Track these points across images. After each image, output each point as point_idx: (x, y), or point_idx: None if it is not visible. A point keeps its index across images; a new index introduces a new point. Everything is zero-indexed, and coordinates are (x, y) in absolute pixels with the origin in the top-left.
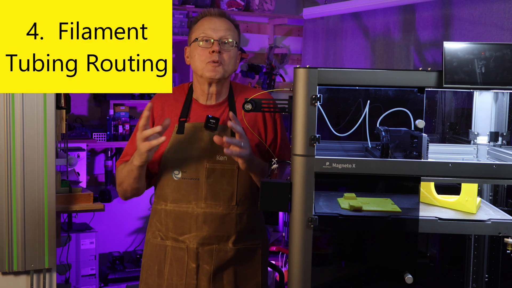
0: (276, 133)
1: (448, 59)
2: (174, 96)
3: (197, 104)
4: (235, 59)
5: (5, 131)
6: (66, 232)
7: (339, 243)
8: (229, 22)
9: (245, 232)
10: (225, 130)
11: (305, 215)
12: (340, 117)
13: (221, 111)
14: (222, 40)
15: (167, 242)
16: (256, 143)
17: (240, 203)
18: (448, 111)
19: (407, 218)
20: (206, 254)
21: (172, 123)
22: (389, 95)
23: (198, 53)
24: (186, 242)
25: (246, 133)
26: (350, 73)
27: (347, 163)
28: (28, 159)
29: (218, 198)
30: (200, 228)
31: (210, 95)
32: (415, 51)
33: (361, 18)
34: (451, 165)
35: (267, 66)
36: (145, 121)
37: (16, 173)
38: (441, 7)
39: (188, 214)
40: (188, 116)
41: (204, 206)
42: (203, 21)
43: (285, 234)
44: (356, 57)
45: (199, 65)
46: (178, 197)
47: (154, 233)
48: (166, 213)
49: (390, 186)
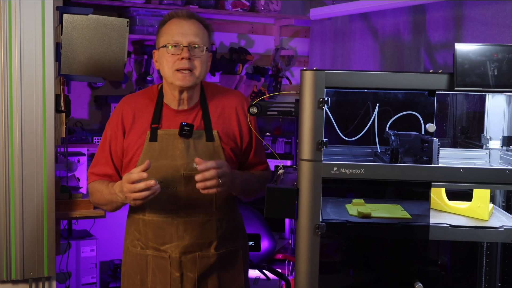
0: (251, 135)
1: (459, 61)
2: (144, 100)
3: (168, 109)
4: (206, 63)
5: (3, 135)
6: (66, 240)
7: (347, 251)
8: (198, 23)
9: (226, 236)
10: (200, 136)
11: (312, 222)
12: (348, 121)
13: (194, 116)
14: (191, 45)
15: (147, 252)
16: (231, 147)
17: (219, 208)
18: (459, 114)
19: (417, 225)
20: (189, 262)
21: (144, 129)
22: (399, 98)
23: (167, 60)
24: (168, 251)
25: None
26: (358, 76)
27: (355, 168)
28: (27, 164)
29: (197, 206)
30: (181, 237)
31: (181, 101)
32: (425, 53)
33: (370, 19)
34: (462, 170)
35: (273, 69)
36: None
37: (15, 178)
38: (453, 7)
39: (168, 224)
40: (160, 122)
41: (183, 215)
42: (171, 25)
43: (292, 242)
44: (365, 59)
45: (168, 72)
46: (157, 207)
47: (133, 242)
48: (144, 223)
49: (400, 192)
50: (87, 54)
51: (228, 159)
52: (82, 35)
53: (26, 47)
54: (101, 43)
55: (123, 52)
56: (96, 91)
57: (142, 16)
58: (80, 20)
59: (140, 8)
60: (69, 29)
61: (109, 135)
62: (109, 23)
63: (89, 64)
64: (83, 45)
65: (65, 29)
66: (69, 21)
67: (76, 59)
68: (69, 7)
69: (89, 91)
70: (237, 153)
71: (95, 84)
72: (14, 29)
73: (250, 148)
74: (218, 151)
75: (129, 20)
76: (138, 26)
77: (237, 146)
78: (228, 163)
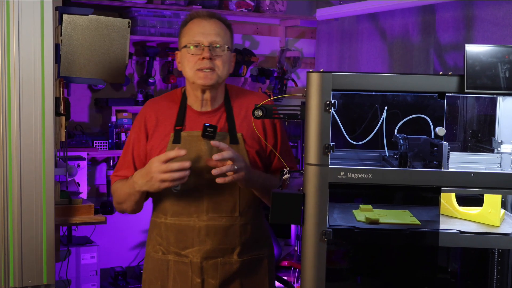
0: (277, 139)
1: (470, 62)
2: (167, 103)
3: (192, 111)
4: (228, 62)
5: (1, 139)
6: (65, 246)
7: (355, 258)
8: (220, 23)
9: (250, 243)
10: (224, 138)
11: (319, 228)
12: (356, 124)
13: (218, 118)
14: (213, 45)
15: (169, 257)
16: (256, 150)
17: (243, 213)
18: (470, 118)
19: (427, 231)
20: (210, 268)
21: (167, 132)
22: (408, 101)
23: (189, 60)
24: (189, 256)
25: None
26: (366, 78)
27: (363, 173)
28: (26, 169)
29: (220, 210)
30: (203, 241)
31: (204, 102)
32: (435, 54)
33: (378, 19)
34: (473, 175)
35: (279, 70)
36: (175, 154)
37: (13, 183)
38: (463, 7)
39: (190, 228)
40: (184, 124)
41: (206, 219)
42: (192, 25)
43: (298, 248)
44: (373, 60)
45: (190, 72)
46: (179, 210)
47: (154, 247)
48: (166, 227)
49: (408, 197)
50: (87, 56)
51: (253, 162)
52: (82, 36)
53: (24, 48)
54: (102, 44)
55: (124, 53)
56: (96, 93)
57: (144, 16)
58: (80, 21)
59: (141, 8)
60: (69, 30)
61: (132, 139)
62: (110, 24)
63: (89, 65)
64: (83, 46)
65: (64, 30)
66: (69, 22)
67: (76, 61)
68: (69, 7)
69: (90, 93)
70: (262, 156)
71: (95, 86)
72: (12, 30)
73: (275, 153)
74: (243, 154)
75: (130, 20)
76: (139, 27)
77: (261, 149)
78: (252, 166)
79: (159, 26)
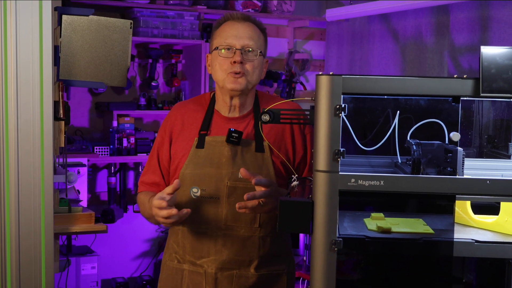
0: (306, 150)
1: (485, 65)
2: (195, 107)
3: (219, 116)
4: (259, 68)
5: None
6: (65, 256)
7: (366, 268)
8: (254, 26)
9: (269, 257)
10: (249, 145)
11: (329, 237)
12: (367, 129)
13: (245, 124)
14: (245, 48)
15: (184, 266)
16: (282, 161)
17: (263, 225)
18: (485, 122)
19: (441, 241)
20: (225, 280)
21: (192, 136)
22: (421, 105)
23: (219, 63)
24: (204, 266)
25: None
26: (377, 81)
27: (374, 179)
28: (23, 176)
29: (240, 220)
30: (219, 251)
31: (233, 107)
32: (449, 56)
33: (390, 20)
34: (489, 182)
35: (287, 73)
36: (172, 191)
37: (10, 191)
38: (478, 8)
39: (207, 236)
40: (209, 129)
41: (224, 228)
42: (225, 27)
43: (306, 258)
44: (385, 63)
45: (220, 75)
46: (196, 218)
47: (171, 256)
48: (183, 234)
49: (422, 205)
50: (88, 58)
51: (278, 173)
52: (82, 38)
53: (22, 50)
54: (103, 46)
55: (126, 55)
56: (97, 97)
57: (147, 17)
58: (80, 22)
59: (144, 9)
60: (69, 31)
61: (157, 143)
62: (111, 25)
63: (89, 68)
64: (84, 48)
65: (64, 31)
66: (69, 23)
67: (76, 63)
68: (69, 8)
69: (90, 97)
70: (288, 169)
71: (96, 90)
72: (10, 31)
73: (305, 164)
74: (267, 163)
75: (132, 21)
76: (142, 28)
77: (289, 160)
78: (277, 177)
79: (162, 27)
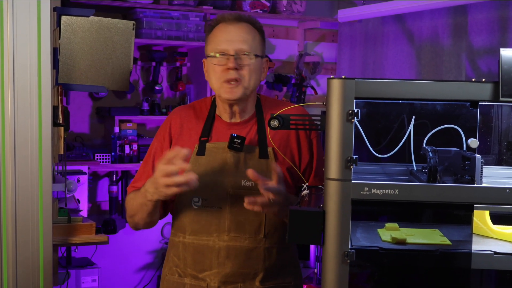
0: (312, 155)
1: (505, 68)
2: (195, 112)
3: (220, 121)
4: (257, 71)
5: None
6: (64, 268)
7: (380, 281)
8: (249, 26)
9: (275, 269)
10: (252, 151)
11: (341, 249)
12: (381, 135)
13: (248, 129)
14: (239, 53)
15: (185, 280)
16: (288, 167)
17: (268, 235)
18: (505, 128)
19: (458, 252)
20: None
21: (192, 142)
22: (437, 110)
23: (214, 70)
24: (206, 280)
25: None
26: (392, 85)
27: (388, 188)
28: (21, 184)
29: (244, 230)
30: (222, 264)
31: (233, 113)
32: (467, 59)
33: (405, 21)
34: (509, 191)
35: (297, 77)
36: (174, 154)
37: (7, 200)
38: (498, 8)
39: (209, 248)
40: (210, 135)
41: (227, 239)
42: (217, 31)
43: (317, 271)
44: (399, 66)
45: (215, 84)
46: (198, 228)
47: (171, 269)
48: (184, 247)
49: (438, 215)
50: (88, 61)
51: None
52: (83, 39)
53: (19, 53)
54: (104, 48)
55: (129, 58)
56: (98, 102)
57: (150, 18)
58: (80, 23)
59: (147, 9)
60: (68, 32)
61: (154, 149)
62: (113, 26)
63: (90, 71)
64: (84, 51)
65: (63, 33)
66: (68, 24)
67: (75, 66)
68: (68, 8)
69: (91, 102)
70: (294, 175)
71: (97, 94)
72: (6, 32)
73: (310, 170)
74: (272, 170)
75: (135, 22)
76: (145, 29)
77: (294, 166)
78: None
79: (167, 29)
